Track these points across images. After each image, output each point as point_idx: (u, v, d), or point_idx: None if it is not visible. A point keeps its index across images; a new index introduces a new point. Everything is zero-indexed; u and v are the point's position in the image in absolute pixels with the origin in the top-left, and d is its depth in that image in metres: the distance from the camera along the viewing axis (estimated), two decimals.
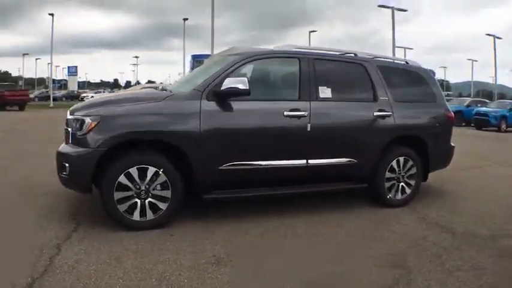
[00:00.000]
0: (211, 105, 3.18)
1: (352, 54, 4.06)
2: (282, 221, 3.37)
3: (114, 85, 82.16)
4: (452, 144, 4.55)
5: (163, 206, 3.07)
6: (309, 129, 3.47)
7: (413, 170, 4.10)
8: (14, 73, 67.88)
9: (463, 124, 17.99)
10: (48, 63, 34.61)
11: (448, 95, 28.53)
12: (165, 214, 3.09)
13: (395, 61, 4.43)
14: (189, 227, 3.13)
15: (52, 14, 27.12)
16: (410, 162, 4.08)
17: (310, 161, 3.54)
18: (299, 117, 3.44)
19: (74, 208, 3.48)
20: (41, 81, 62.54)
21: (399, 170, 4.02)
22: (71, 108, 3.28)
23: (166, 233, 2.99)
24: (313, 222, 3.39)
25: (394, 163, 3.96)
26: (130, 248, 2.71)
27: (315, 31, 35.06)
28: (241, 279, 2.36)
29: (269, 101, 3.42)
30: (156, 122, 3.05)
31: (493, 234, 3.25)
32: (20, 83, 44.34)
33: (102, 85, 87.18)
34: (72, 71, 38.36)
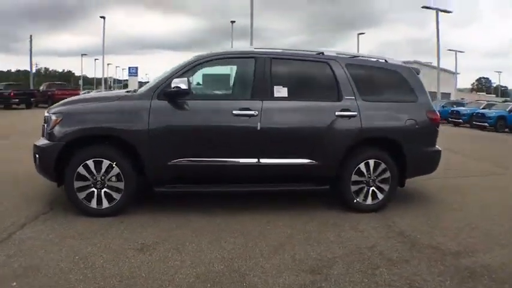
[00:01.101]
0: (161, 104, 3.42)
1: (320, 53, 4.00)
2: (233, 218, 3.46)
3: None
4: (438, 147, 4.20)
5: (117, 196, 3.39)
6: (259, 128, 3.52)
7: (387, 174, 3.90)
8: (78, 73, 74.18)
9: (506, 130, 16.53)
10: (108, 64, 37.80)
11: (505, 101, 25.86)
12: (119, 204, 3.39)
13: (371, 59, 4.23)
14: (141, 217, 3.39)
15: (103, 17, 30.88)
16: (383, 166, 3.88)
17: (262, 160, 3.58)
18: (249, 116, 3.51)
19: (57, 196, 3.84)
20: (100, 82, 68.84)
21: (369, 174, 3.86)
22: (49, 107, 3.83)
23: (117, 220, 3.29)
24: (261, 221, 3.42)
25: (362, 166, 3.81)
26: (79, 230, 3.05)
27: (363, 33, 36.03)
28: (150, 263, 2.55)
29: (221, 100, 3.59)
30: (107, 119, 3.38)
31: (460, 251, 2.95)
32: (80, 82, 49.29)
33: None
34: (133, 71, 41.00)
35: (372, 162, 3.83)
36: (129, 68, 37.76)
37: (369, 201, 3.87)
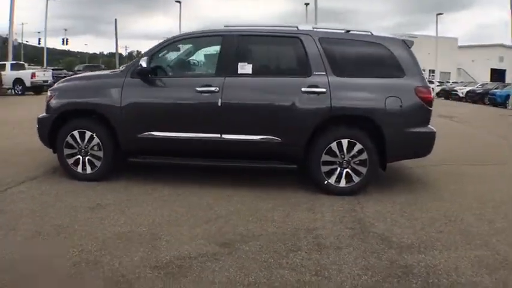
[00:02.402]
0: (133, 82, 3.69)
1: (294, 28, 3.79)
2: (194, 191, 3.62)
3: None
4: (431, 128, 3.69)
5: (97, 163, 3.83)
6: (219, 104, 3.57)
7: (363, 156, 3.62)
8: None
9: None
10: None
11: None
12: (100, 170, 3.82)
13: (353, 32, 3.83)
14: (115, 183, 3.77)
15: (179, 1, 32.78)
16: (359, 146, 3.60)
17: (225, 136, 3.63)
18: (210, 92, 3.57)
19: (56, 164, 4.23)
20: None
21: (342, 154, 3.64)
22: None
23: (95, 184, 3.73)
24: (219, 195, 3.51)
25: (334, 146, 3.60)
26: (59, 190, 3.56)
27: (442, 13, 32.43)
28: (90, 219, 2.92)
29: (188, 77, 3.73)
30: (88, 95, 3.79)
31: (412, 245, 2.60)
32: None
33: None
34: None
35: (345, 142, 3.58)
36: None
37: (342, 183, 3.64)
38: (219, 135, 3.65)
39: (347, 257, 2.46)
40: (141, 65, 3.57)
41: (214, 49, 3.82)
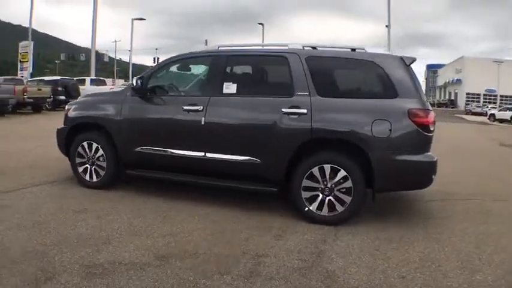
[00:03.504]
0: (131, 99, 4.10)
1: (285, 47, 3.78)
2: (172, 204, 3.81)
3: None
4: (429, 157, 3.29)
5: (102, 173, 4.32)
6: (203, 123, 3.72)
7: (348, 184, 3.38)
8: None
9: None
10: None
11: None
12: (103, 179, 4.26)
13: (344, 50, 3.61)
14: (114, 192, 4.13)
15: (262, 24, 34.35)
16: (343, 173, 3.38)
17: (208, 154, 3.75)
18: (195, 111, 3.75)
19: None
20: None
21: (324, 181, 3.44)
22: None
23: (95, 192, 4.15)
24: (193, 211, 3.62)
25: (315, 170, 3.43)
26: (62, 194, 4.07)
27: None
28: (67, 220, 3.28)
29: (178, 96, 3.96)
30: (94, 110, 4.31)
31: (346, 287, 2.35)
32: None
33: None
34: None
35: (327, 167, 3.40)
36: None
37: (324, 211, 3.44)
38: (203, 154, 3.79)
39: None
40: (133, 83, 3.95)
41: (205, 69, 4.03)
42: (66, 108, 4.65)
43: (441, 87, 73.70)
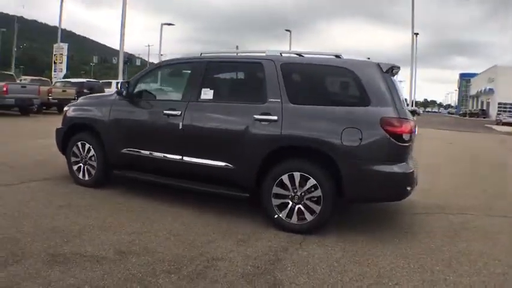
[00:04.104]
0: (120, 102, 4.38)
1: (262, 54, 3.90)
2: (153, 205, 4.01)
3: None
4: (405, 167, 3.26)
5: (93, 172, 4.61)
6: (180, 127, 3.91)
7: (317, 193, 3.43)
8: None
9: None
10: None
11: None
12: (94, 178, 4.56)
13: (321, 57, 3.65)
14: (103, 191, 4.43)
15: (289, 30, 34.35)
16: (312, 182, 3.43)
17: (185, 158, 3.93)
18: (174, 115, 3.95)
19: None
20: None
21: (294, 188, 3.51)
22: None
23: (87, 189, 4.47)
24: (165, 214, 3.77)
25: (285, 178, 3.51)
26: (59, 189, 4.42)
27: None
28: (50, 213, 3.58)
29: (161, 101, 4.19)
30: (86, 112, 4.64)
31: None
32: None
33: None
34: None
35: (297, 175, 3.47)
36: None
37: (294, 220, 3.50)
38: (180, 157, 3.98)
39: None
40: (117, 88, 4.24)
41: (186, 74, 4.24)
42: (65, 109, 5.02)
43: (474, 97, 70.58)
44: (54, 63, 33.52)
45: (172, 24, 32.98)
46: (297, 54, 4.03)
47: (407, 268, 2.91)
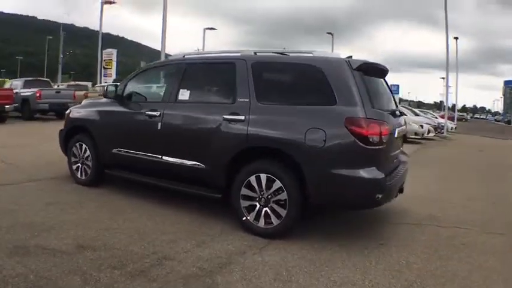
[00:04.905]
0: (111, 104, 4.70)
1: (238, 54, 3.96)
2: (138, 204, 4.26)
3: (436, 107, 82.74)
4: (374, 172, 3.14)
5: (89, 171, 5.00)
6: (159, 127, 4.10)
7: (283, 196, 3.42)
8: None
9: None
10: None
11: None
12: (90, 177, 4.92)
13: (291, 55, 3.59)
14: (96, 189, 4.78)
15: (331, 33, 33.41)
16: (278, 184, 3.43)
17: (164, 158, 4.11)
18: (154, 116, 4.16)
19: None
20: None
21: (261, 190, 3.53)
22: None
23: (80, 188, 4.86)
24: (142, 213, 3.99)
25: (252, 179, 3.54)
26: (55, 187, 4.82)
27: None
28: (41, 209, 3.93)
29: (146, 102, 4.41)
30: (82, 114, 5.01)
31: None
32: None
33: (422, 105, 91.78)
34: (394, 89, 43.72)
35: (263, 177, 3.50)
36: (392, 85, 42.83)
37: (261, 223, 3.54)
38: (160, 157, 4.18)
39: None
40: (104, 90, 4.55)
41: (166, 76, 4.44)
42: (67, 112, 5.48)
43: None
44: (104, 68, 36.19)
45: (215, 29, 33.73)
46: (279, 53, 4.05)
47: (359, 285, 2.75)
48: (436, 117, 23.30)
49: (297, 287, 2.70)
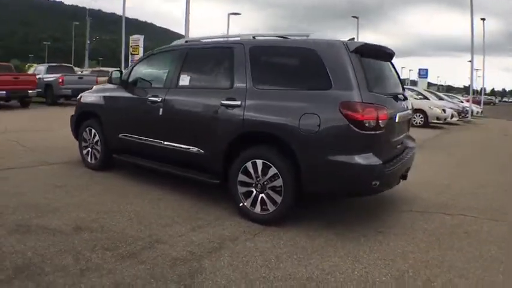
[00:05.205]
0: (118, 90, 4.81)
1: (238, 38, 3.92)
2: (143, 188, 4.40)
3: (464, 91, 79.71)
4: (369, 158, 3.07)
5: (98, 156, 5.18)
6: (160, 113, 4.18)
7: (278, 182, 3.41)
8: None
9: None
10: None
11: None
12: (99, 161, 5.11)
13: (287, 38, 3.51)
14: (104, 173, 4.97)
15: (356, 17, 32.28)
16: (273, 171, 3.42)
17: (166, 143, 4.19)
18: (156, 102, 4.23)
19: None
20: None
21: (257, 176, 3.53)
22: None
23: (90, 171, 5.08)
24: (143, 197, 4.11)
25: (249, 165, 3.55)
26: (66, 171, 5.06)
27: None
28: (48, 191, 4.13)
29: (149, 88, 4.47)
30: (91, 100, 5.17)
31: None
32: None
33: (451, 90, 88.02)
34: (423, 73, 42.05)
35: (259, 162, 3.50)
36: (419, 69, 38.90)
37: (257, 209, 3.56)
38: (162, 142, 4.26)
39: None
40: (109, 77, 4.66)
41: (168, 62, 4.46)
42: (78, 97, 5.66)
43: None
44: (131, 54, 36.97)
45: (239, 14, 33.46)
46: (280, 36, 4.00)
47: (348, 274, 2.71)
48: (462, 102, 22.53)
49: (283, 274, 2.71)
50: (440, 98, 18.12)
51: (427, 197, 4.49)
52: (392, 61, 4.13)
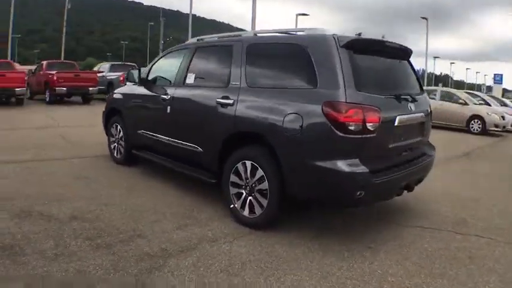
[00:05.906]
0: (137, 88, 5.14)
1: (240, 36, 3.92)
2: (155, 183, 4.68)
3: None
4: (353, 165, 2.90)
5: (123, 150, 5.58)
6: (168, 111, 4.38)
7: (264, 185, 3.37)
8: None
9: None
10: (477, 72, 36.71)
11: None
12: (123, 156, 5.51)
13: (281, 34, 3.41)
14: (125, 168, 5.38)
15: (426, 18, 30.07)
16: (260, 173, 3.39)
17: (173, 140, 4.37)
18: (165, 100, 4.44)
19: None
20: (461, 86, 66.43)
21: (247, 178, 3.52)
22: None
23: (113, 166, 5.49)
24: (147, 192, 4.36)
25: (240, 166, 3.57)
26: (94, 164, 5.54)
27: None
28: (65, 183, 4.54)
29: (162, 86, 4.68)
30: (117, 97, 5.58)
31: None
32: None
33: None
34: (497, 79, 39.98)
35: (248, 164, 3.50)
36: (495, 75, 39.46)
37: (246, 212, 3.56)
38: (170, 139, 4.47)
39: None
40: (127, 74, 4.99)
41: (179, 60, 4.60)
42: (107, 96, 6.15)
43: None
44: None
45: (307, 15, 33.36)
46: (282, 32, 3.94)
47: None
48: None
49: (240, 282, 2.68)
50: (504, 104, 16.82)
51: (446, 211, 4.08)
52: (410, 60, 3.84)
